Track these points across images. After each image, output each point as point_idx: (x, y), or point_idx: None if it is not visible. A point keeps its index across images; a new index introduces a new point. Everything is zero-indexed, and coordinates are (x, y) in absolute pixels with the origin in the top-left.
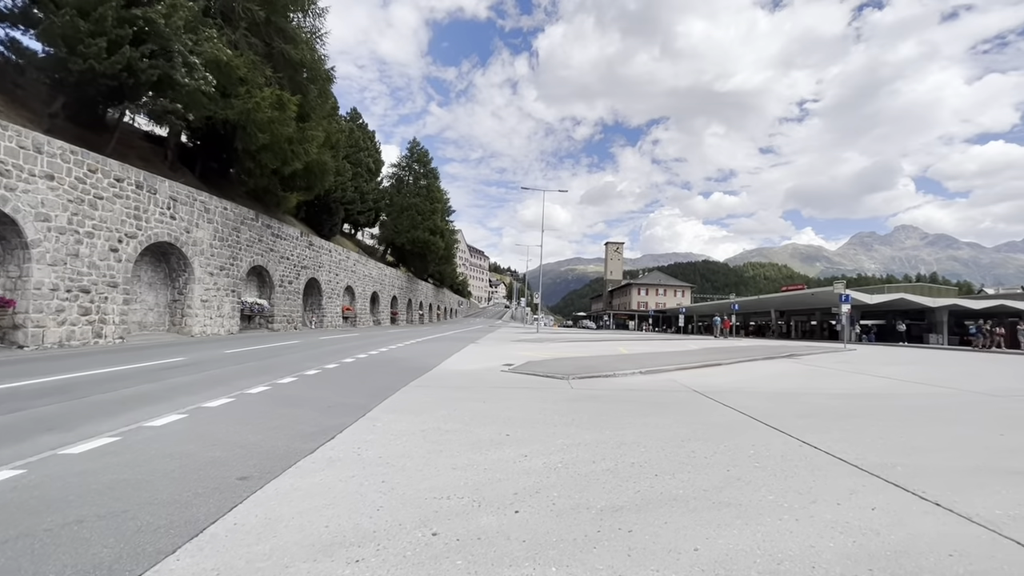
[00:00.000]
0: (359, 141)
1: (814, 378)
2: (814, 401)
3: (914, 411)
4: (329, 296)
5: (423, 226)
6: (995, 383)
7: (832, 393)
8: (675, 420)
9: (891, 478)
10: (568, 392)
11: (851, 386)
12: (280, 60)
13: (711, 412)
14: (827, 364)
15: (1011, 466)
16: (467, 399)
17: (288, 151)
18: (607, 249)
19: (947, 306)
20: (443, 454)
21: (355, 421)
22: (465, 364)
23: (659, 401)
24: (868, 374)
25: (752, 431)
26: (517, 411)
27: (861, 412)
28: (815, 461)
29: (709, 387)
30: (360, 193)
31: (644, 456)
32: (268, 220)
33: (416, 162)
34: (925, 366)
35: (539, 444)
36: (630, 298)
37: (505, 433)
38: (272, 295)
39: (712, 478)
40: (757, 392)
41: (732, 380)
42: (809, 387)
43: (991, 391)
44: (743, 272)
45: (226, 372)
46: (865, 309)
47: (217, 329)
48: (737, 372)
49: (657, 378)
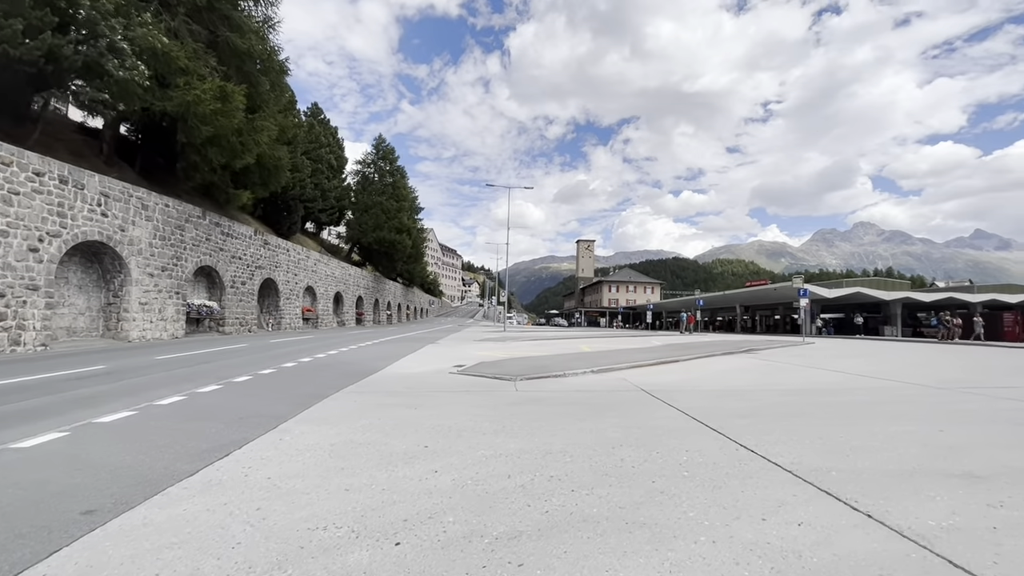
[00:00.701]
0: (320, 137)
1: (767, 374)
2: (762, 399)
3: (858, 407)
4: (287, 297)
5: (389, 225)
6: (942, 374)
7: (782, 390)
8: (613, 423)
9: (824, 485)
10: (511, 395)
11: (802, 382)
12: (226, 50)
13: (653, 413)
14: (783, 359)
15: (946, 467)
16: (399, 405)
17: (236, 145)
18: (578, 247)
19: (900, 299)
20: (343, 472)
21: (262, 435)
22: (414, 367)
23: (603, 402)
24: (821, 368)
25: (691, 434)
26: (448, 418)
27: (806, 410)
28: (749, 467)
29: (659, 386)
30: (321, 191)
31: (567, 467)
32: (217, 218)
33: (382, 159)
34: (877, 359)
35: (456, 457)
36: (601, 295)
37: (424, 445)
38: (223, 297)
39: (634, 492)
40: (706, 390)
41: (684, 378)
42: (760, 384)
43: (937, 383)
44: (712, 269)
45: (145, 381)
46: (825, 303)
47: (159, 333)
48: (692, 369)
49: (608, 377)
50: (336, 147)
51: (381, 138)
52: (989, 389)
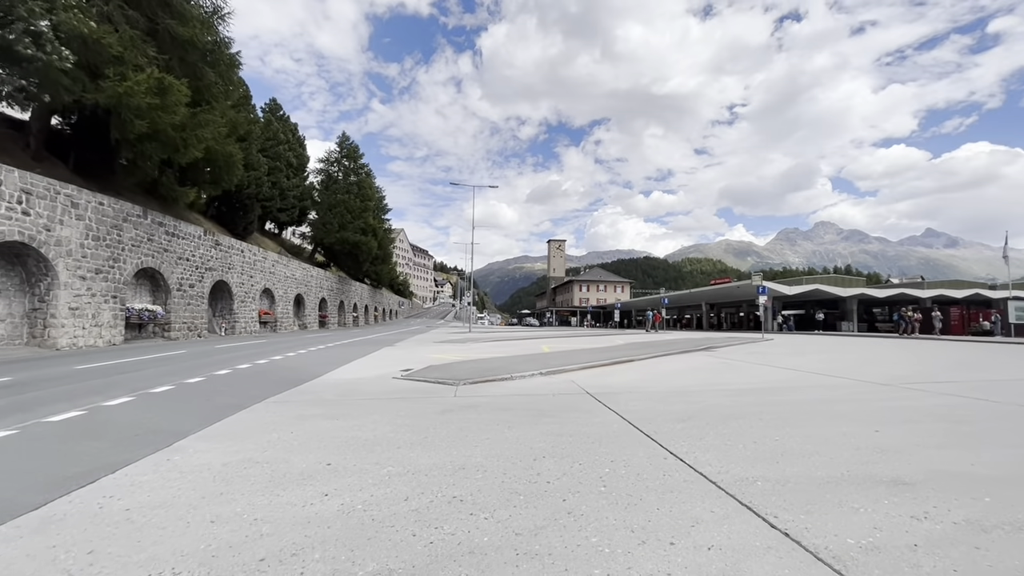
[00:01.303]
0: (278, 134)
1: (719, 373)
2: (706, 400)
3: (801, 407)
4: (242, 300)
5: (353, 225)
6: (888, 370)
7: (729, 389)
8: (543, 431)
9: (747, 498)
10: (447, 401)
11: (751, 380)
12: (166, 39)
13: (590, 418)
14: (738, 357)
15: (876, 472)
16: (320, 416)
17: (178, 140)
18: (550, 247)
19: (856, 295)
20: (221, 499)
21: (149, 455)
22: (358, 372)
23: (541, 408)
24: (774, 366)
25: (623, 441)
26: (368, 430)
27: (747, 411)
28: (672, 479)
29: (605, 388)
30: (280, 189)
31: (476, 485)
32: (161, 217)
33: (346, 158)
34: (829, 355)
35: (358, 476)
36: (572, 295)
37: (327, 462)
38: (168, 300)
39: (539, 514)
40: (652, 392)
41: (634, 378)
42: (709, 384)
43: (882, 379)
44: (681, 267)
45: (47, 394)
46: (786, 300)
47: (94, 340)
48: (644, 369)
49: (556, 379)
50: (297, 145)
51: (345, 136)
52: (930, 384)
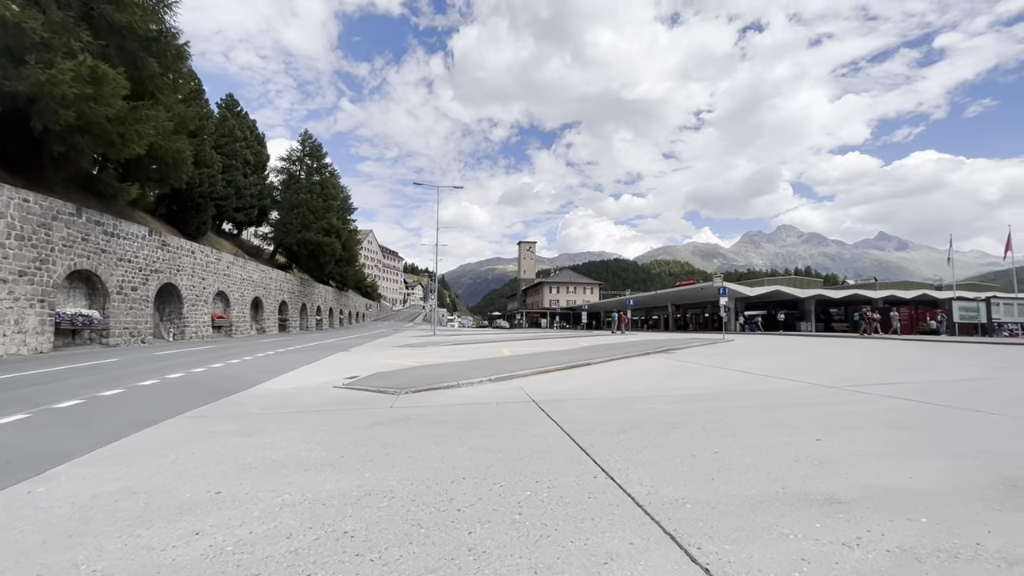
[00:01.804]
0: (234, 131)
1: (673, 377)
2: (653, 407)
3: (747, 413)
4: (193, 303)
5: (316, 226)
6: (838, 372)
7: (678, 395)
8: (473, 447)
9: (672, 524)
10: (381, 413)
11: (703, 385)
12: (103, 25)
13: (527, 431)
14: (695, 359)
15: (811, 490)
16: (233, 433)
17: (115, 135)
18: (520, 249)
19: (814, 296)
20: (66, 543)
21: (6, 487)
22: (299, 380)
23: (478, 419)
24: (728, 368)
25: (554, 457)
26: (281, 449)
27: (692, 419)
28: (596, 503)
29: (553, 395)
30: (236, 188)
31: (376, 516)
32: (98, 215)
33: (309, 156)
34: (783, 356)
35: (244, 507)
36: (542, 296)
37: (217, 490)
38: (107, 304)
39: (436, 551)
40: (600, 398)
41: (586, 384)
42: (660, 389)
43: (831, 381)
44: (650, 269)
45: None
46: (748, 301)
47: (17, 348)
48: (599, 373)
49: (505, 386)
50: (255, 142)
51: (307, 134)
52: (875, 386)
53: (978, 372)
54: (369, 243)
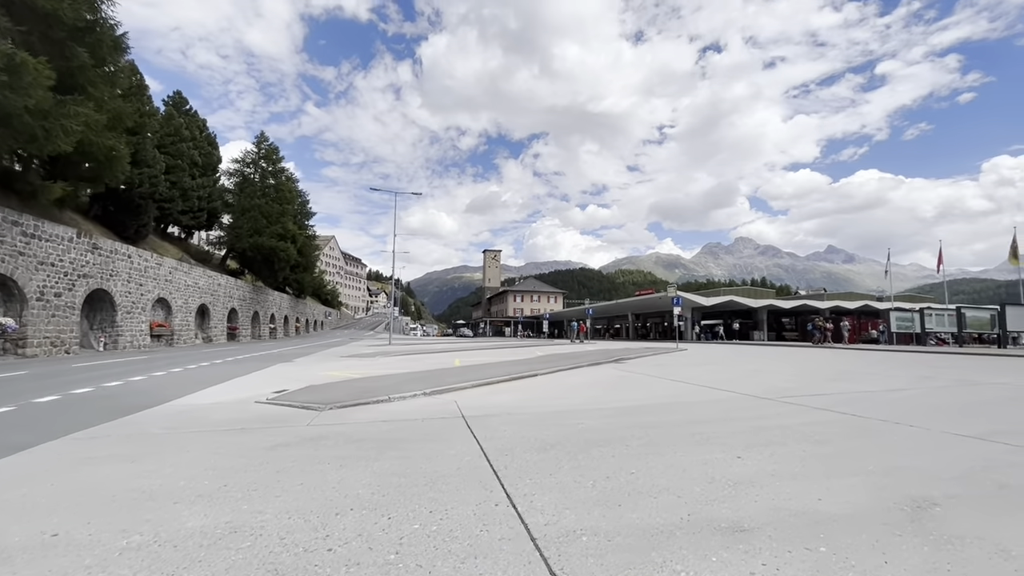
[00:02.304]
0: (181, 130)
1: (614, 388)
2: (583, 422)
3: (675, 428)
4: (128, 311)
5: (270, 231)
6: (776, 382)
7: (614, 408)
8: (377, 471)
9: (560, 563)
10: (293, 432)
11: (642, 397)
12: (24, 11)
13: (443, 450)
14: (643, 369)
15: (717, 516)
16: (114, 458)
17: (37, 128)
18: (485, 257)
19: (766, 306)
20: None
21: None
22: (223, 394)
23: (396, 438)
24: (671, 379)
25: (461, 481)
26: (160, 477)
27: (619, 435)
28: (487, 537)
29: (485, 409)
30: (181, 190)
31: (229, 561)
32: (15, 215)
33: (264, 159)
34: (729, 365)
35: (76, 554)
36: (507, 305)
37: (53, 533)
38: (24, 312)
39: None
40: (533, 413)
41: (523, 397)
42: (598, 401)
43: (765, 392)
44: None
45: None
46: (705, 310)
47: None
48: (541, 385)
49: (439, 400)
50: (204, 143)
51: (263, 136)
52: (808, 397)
53: (904, 382)
54: (331, 249)
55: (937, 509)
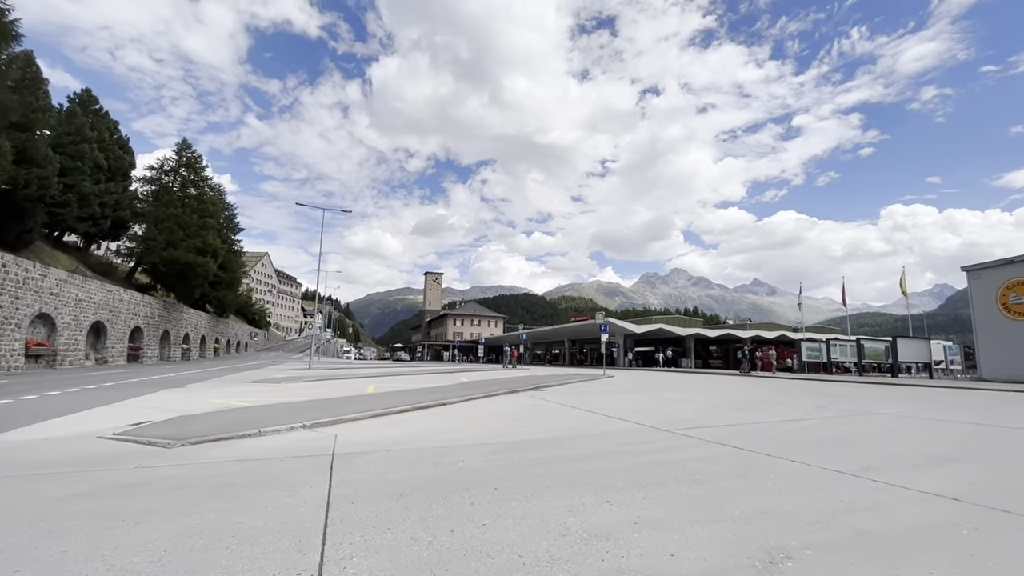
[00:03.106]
0: (84, 130)
1: (519, 419)
2: (463, 461)
3: (557, 466)
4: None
5: (186, 244)
6: (683, 413)
7: (506, 442)
8: (182, 528)
9: None
10: (115, 477)
11: (541, 429)
12: None
13: (281, 499)
14: (558, 398)
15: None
16: None
17: None
18: (427, 280)
19: (693, 334)
20: None
21: None
22: (66, 427)
23: (233, 483)
24: (582, 408)
25: (275, 540)
26: None
27: (492, 476)
28: None
29: (364, 445)
30: (79, 194)
31: None
32: None
33: (185, 167)
34: (646, 394)
35: None
36: (446, 328)
37: None
38: None
39: None
40: (414, 449)
41: (416, 430)
42: (493, 434)
43: (670, 424)
44: (557, 304)
45: None
46: (636, 338)
47: None
48: (443, 416)
49: (315, 435)
50: (114, 145)
51: (185, 143)
52: (708, 429)
53: (801, 412)
54: (263, 266)
55: (789, 564)
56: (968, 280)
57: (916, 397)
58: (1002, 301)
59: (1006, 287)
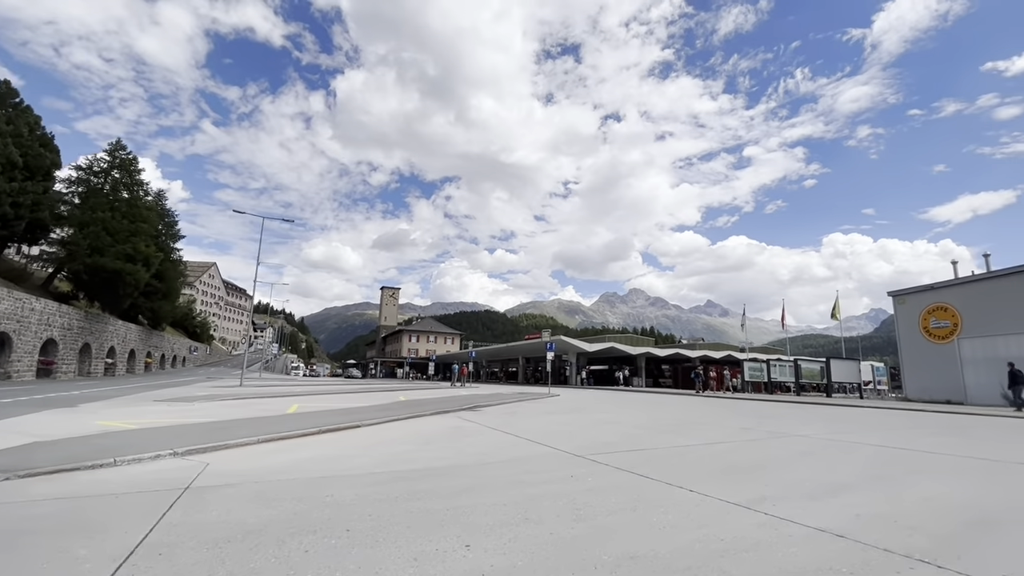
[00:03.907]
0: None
1: (428, 444)
2: (332, 495)
3: (437, 500)
4: None
5: (114, 250)
6: (606, 436)
7: (399, 471)
8: None
9: None
10: None
11: (448, 455)
12: None
13: (70, 552)
14: (488, 419)
15: None
16: None
17: None
18: (383, 294)
19: (644, 353)
20: None
21: None
22: None
23: (25, 529)
24: (505, 431)
25: None
26: None
27: (355, 514)
28: None
29: (236, 476)
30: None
31: None
32: None
33: (118, 169)
34: (580, 414)
35: None
36: (401, 345)
37: None
38: None
39: None
40: (291, 480)
41: (309, 456)
42: (391, 461)
43: (584, 449)
44: (518, 322)
45: None
46: (590, 356)
47: None
48: (349, 439)
49: (183, 463)
50: (35, 142)
51: (119, 143)
52: (620, 454)
53: (725, 434)
54: (210, 277)
55: None
56: (894, 305)
57: (838, 417)
58: (923, 325)
59: (927, 311)
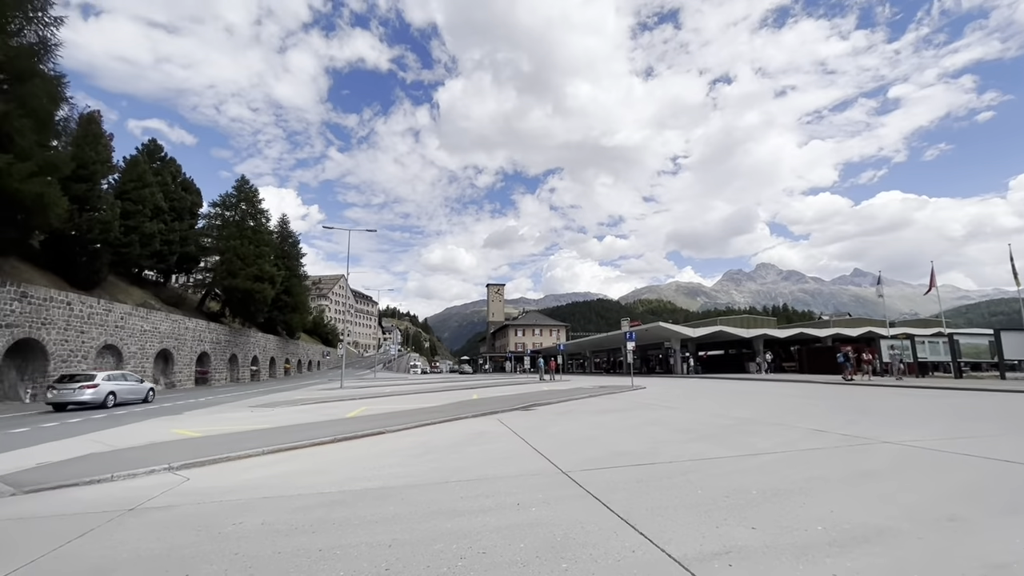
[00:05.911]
0: (145, 176)
1: (425, 456)
2: (238, 524)
3: (336, 534)
4: (64, 360)
5: (245, 273)
6: (630, 446)
7: (351, 492)
8: None
9: None
10: None
11: (423, 472)
12: None
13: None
14: (524, 422)
15: None
16: None
17: None
18: (489, 291)
19: (761, 335)
20: None
21: None
22: None
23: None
24: (523, 439)
25: None
26: None
27: (215, 558)
28: None
29: (184, 497)
30: (141, 234)
31: None
32: None
33: (244, 201)
34: (626, 415)
35: None
36: (508, 340)
37: None
38: None
39: None
40: (221, 504)
41: (279, 472)
42: (361, 478)
43: (592, 462)
44: (633, 308)
45: None
46: (698, 342)
47: None
48: (347, 452)
49: (163, 480)
50: (177, 187)
51: (244, 179)
52: (619, 470)
53: (783, 441)
54: (340, 288)
55: None
56: None
57: (985, 411)
58: None
59: None
